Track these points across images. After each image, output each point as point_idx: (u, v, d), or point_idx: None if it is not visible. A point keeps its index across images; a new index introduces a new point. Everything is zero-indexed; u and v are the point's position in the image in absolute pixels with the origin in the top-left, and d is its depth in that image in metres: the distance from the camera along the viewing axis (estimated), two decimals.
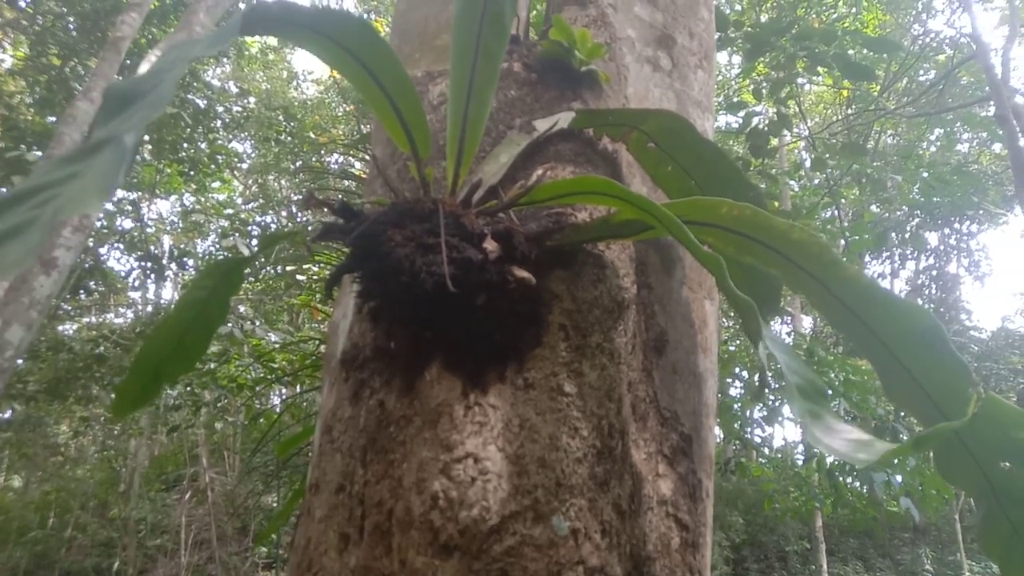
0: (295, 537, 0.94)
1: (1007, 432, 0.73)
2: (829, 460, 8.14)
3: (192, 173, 10.22)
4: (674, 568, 0.92)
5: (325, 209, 0.84)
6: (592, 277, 0.91)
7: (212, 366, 7.92)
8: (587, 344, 0.88)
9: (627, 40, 1.32)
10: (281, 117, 11.61)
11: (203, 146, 10.14)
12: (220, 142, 10.35)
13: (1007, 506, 0.75)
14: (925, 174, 8.28)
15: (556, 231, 0.87)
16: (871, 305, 0.81)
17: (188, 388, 8.40)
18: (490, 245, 0.78)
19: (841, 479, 8.25)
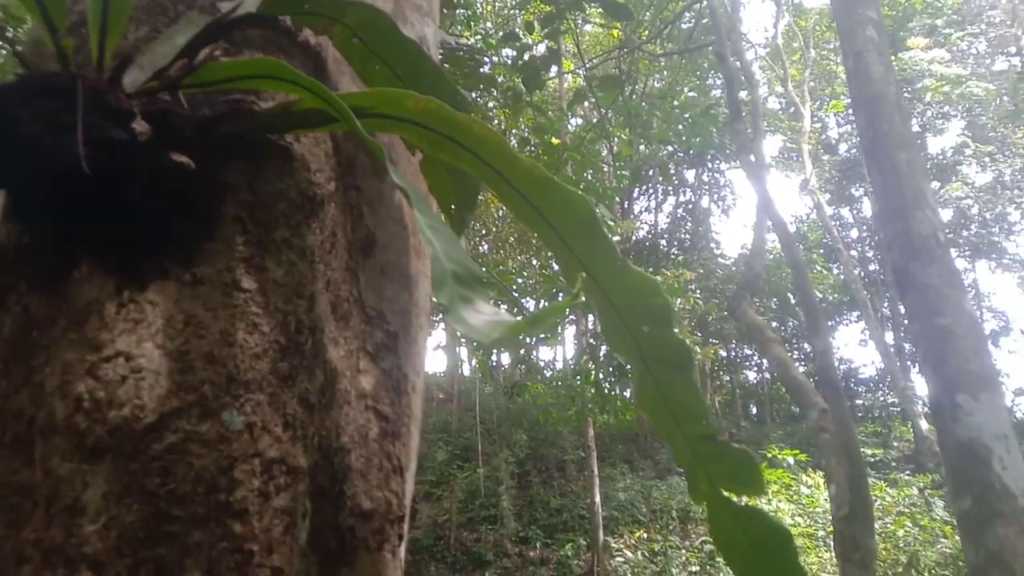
0: None
1: (646, 299, 0.83)
2: (599, 376, 9.00)
3: None
4: (371, 456, 0.95)
5: None
6: (277, 169, 0.87)
7: None
8: (271, 239, 0.85)
9: None
10: (5, 21, 9.71)
11: None
12: None
13: (650, 364, 0.86)
14: (687, 115, 9.17)
15: (230, 117, 0.82)
16: (543, 195, 0.87)
17: None
18: (140, 126, 0.71)
19: (608, 390, 9.20)
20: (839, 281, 24.60)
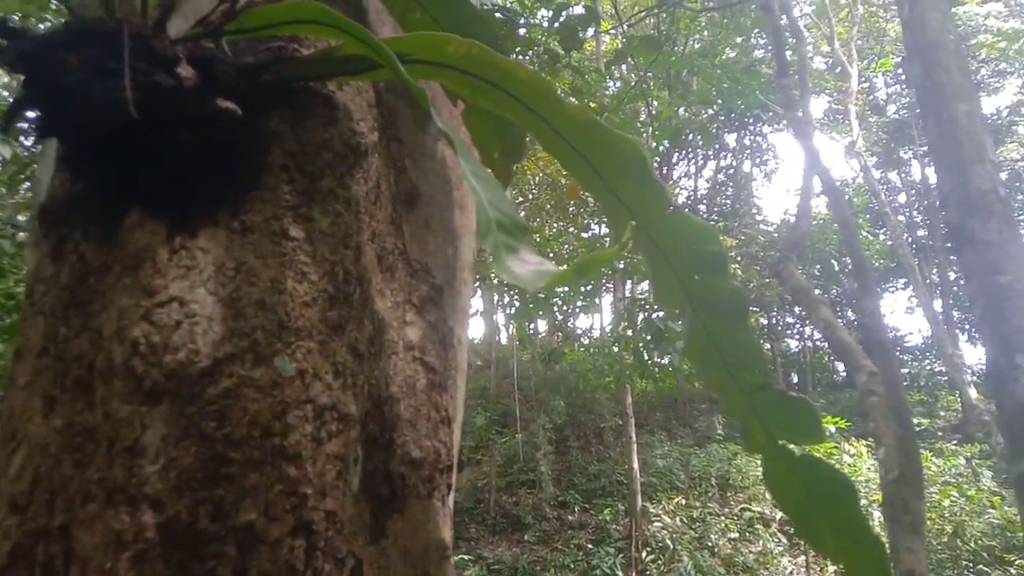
0: (0, 410, 0.85)
1: (699, 246, 0.81)
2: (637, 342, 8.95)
3: None
4: (419, 406, 0.95)
5: None
6: (321, 119, 0.87)
7: None
8: (317, 189, 0.85)
9: None
10: None
11: None
12: None
13: (701, 313, 0.84)
14: (724, 77, 8.91)
15: (273, 64, 0.81)
16: (588, 140, 0.85)
17: None
18: (185, 71, 0.71)
19: (647, 357, 9.15)
20: (886, 247, 23.91)
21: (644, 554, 12.40)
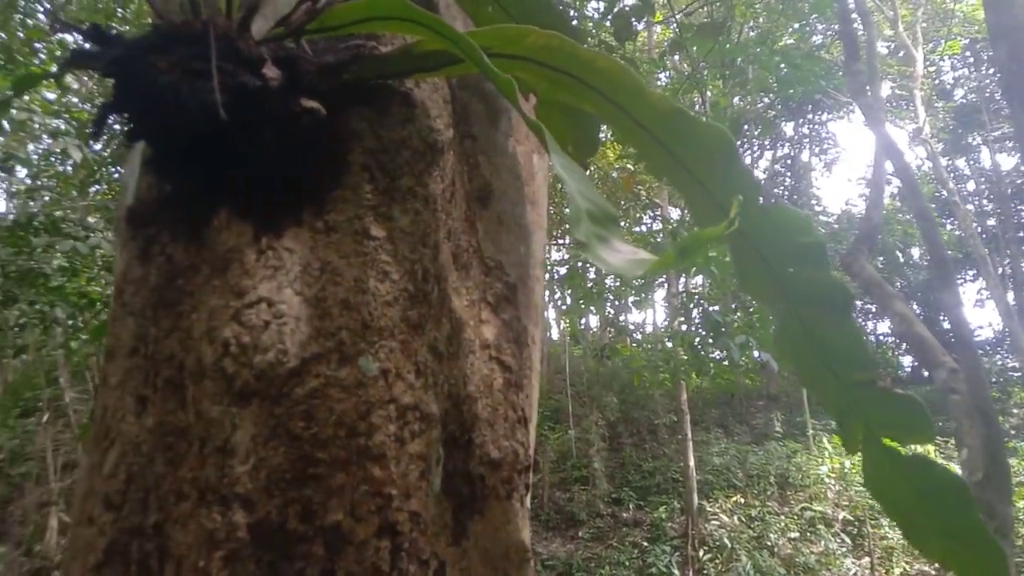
0: (93, 409, 0.88)
1: (794, 237, 0.77)
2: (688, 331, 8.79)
3: (9, 67, 8.95)
4: (497, 406, 0.94)
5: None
6: (399, 116, 0.86)
7: (60, 281, 7.29)
8: (396, 187, 0.84)
9: None
10: (113, 2, 10.27)
11: (20, 34, 8.86)
12: (41, 28, 9.04)
13: (797, 307, 0.80)
14: (782, 64, 8.64)
15: (353, 63, 0.81)
16: (672, 129, 0.82)
17: (35, 306, 7.69)
18: (270, 71, 0.71)
19: (703, 352, 8.97)
20: (954, 237, 22.91)
21: (701, 553, 12.20)
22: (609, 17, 5.51)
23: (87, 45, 0.72)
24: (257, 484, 0.69)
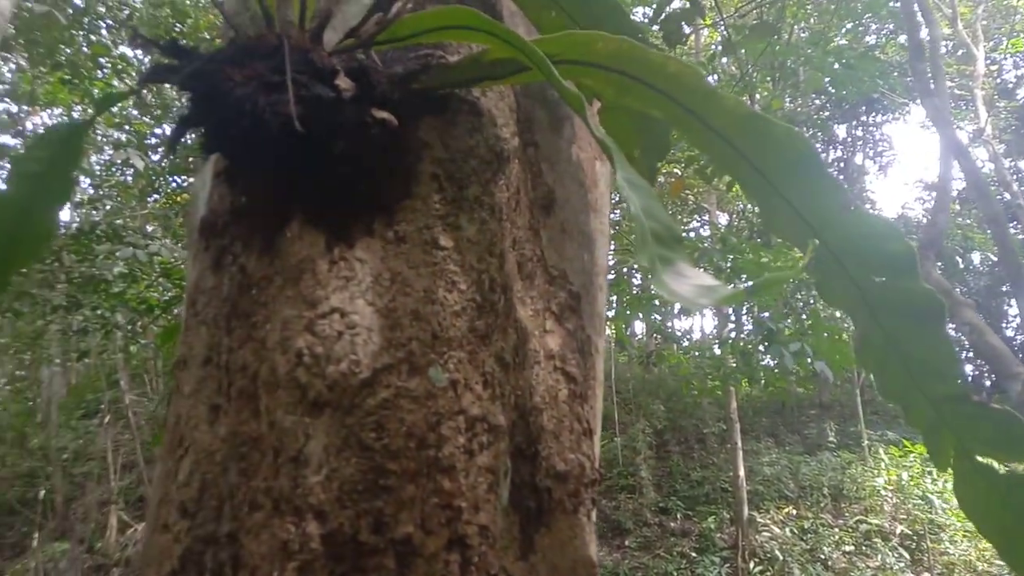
0: (167, 416, 0.89)
1: (881, 245, 0.74)
2: (735, 335, 8.61)
3: (75, 81, 9.35)
4: (562, 418, 0.92)
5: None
6: (467, 125, 0.86)
7: (121, 287, 7.57)
8: (464, 197, 0.84)
9: None
10: (171, 17, 10.64)
11: (85, 50, 9.26)
12: (104, 43, 9.42)
13: (881, 316, 0.77)
14: (836, 65, 8.43)
15: (422, 73, 0.81)
16: (748, 134, 0.79)
17: (97, 312, 8.00)
18: (343, 83, 0.71)
19: (754, 358, 8.78)
20: (1018, 242, 21.96)
21: (752, 565, 11.92)
22: (658, 21, 5.45)
23: (164, 60, 0.73)
24: (330, 495, 0.69)
